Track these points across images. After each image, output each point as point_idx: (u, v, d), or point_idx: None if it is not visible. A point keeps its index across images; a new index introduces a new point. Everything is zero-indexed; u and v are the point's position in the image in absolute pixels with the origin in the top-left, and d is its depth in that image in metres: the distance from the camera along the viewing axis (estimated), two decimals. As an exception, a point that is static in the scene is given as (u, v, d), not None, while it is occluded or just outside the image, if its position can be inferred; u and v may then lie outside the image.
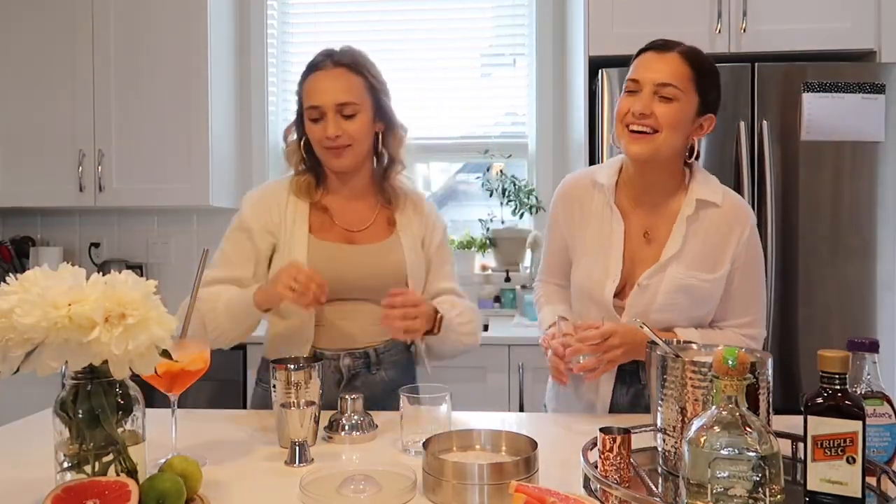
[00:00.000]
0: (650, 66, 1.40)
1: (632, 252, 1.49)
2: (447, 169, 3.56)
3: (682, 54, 1.40)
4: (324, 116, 1.52)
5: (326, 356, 1.53)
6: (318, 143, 1.54)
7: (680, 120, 1.39)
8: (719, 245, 1.45)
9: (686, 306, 1.45)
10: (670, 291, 1.44)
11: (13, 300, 0.89)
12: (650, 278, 1.45)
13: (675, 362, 1.09)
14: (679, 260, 1.45)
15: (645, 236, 1.50)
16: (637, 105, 1.39)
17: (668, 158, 1.44)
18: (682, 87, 1.38)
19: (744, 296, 1.48)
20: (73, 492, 0.90)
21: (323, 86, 1.52)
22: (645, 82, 1.39)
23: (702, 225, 1.46)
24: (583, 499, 0.90)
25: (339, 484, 1.06)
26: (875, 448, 1.06)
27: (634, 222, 1.51)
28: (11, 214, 3.35)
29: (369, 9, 3.36)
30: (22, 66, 3.02)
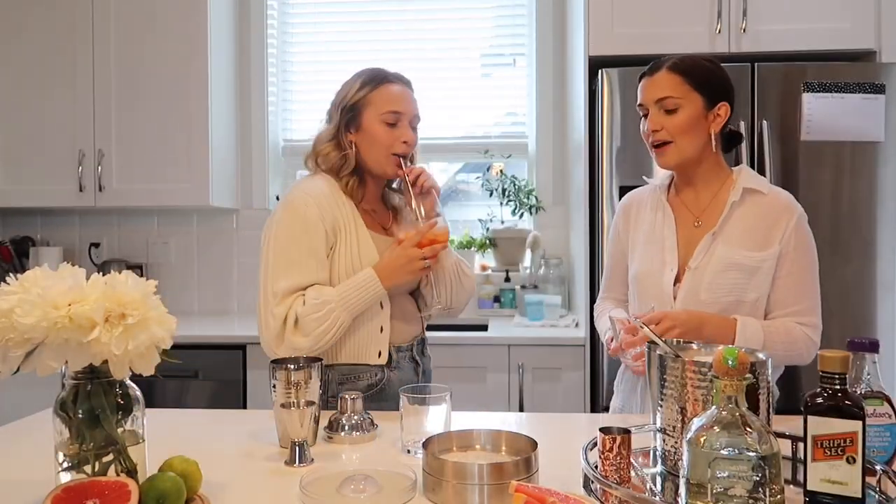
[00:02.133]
0: (647, 88, 1.56)
1: (685, 241, 1.58)
2: (447, 169, 3.55)
3: (669, 68, 1.54)
4: (400, 123, 1.60)
5: (403, 348, 1.64)
6: (388, 148, 1.59)
7: (688, 124, 1.52)
8: (766, 227, 1.53)
9: (734, 286, 1.50)
10: (718, 270, 1.51)
11: (13, 300, 0.89)
12: (698, 259, 1.54)
13: (675, 362, 1.09)
14: (725, 240, 1.53)
15: (696, 225, 1.58)
16: (649, 125, 1.55)
17: (693, 157, 1.56)
18: (679, 94, 1.51)
19: (795, 284, 1.53)
20: (73, 492, 0.90)
21: (406, 97, 1.64)
22: (648, 103, 1.55)
23: (748, 209, 1.55)
24: (583, 499, 0.90)
25: (339, 484, 1.06)
26: (875, 448, 1.06)
27: (685, 213, 1.61)
28: (11, 214, 3.35)
29: (369, 9, 3.36)
30: (22, 66, 3.02)
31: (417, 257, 1.53)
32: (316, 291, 1.51)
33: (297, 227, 1.53)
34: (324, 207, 1.55)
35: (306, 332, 1.49)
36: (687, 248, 1.57)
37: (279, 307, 1.50)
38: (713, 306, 1.49)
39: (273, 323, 1.50)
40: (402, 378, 1.62)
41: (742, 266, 1.50)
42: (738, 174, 1.59)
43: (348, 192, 1.61)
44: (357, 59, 3.32)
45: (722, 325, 1.46)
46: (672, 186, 1.66)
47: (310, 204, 1.55)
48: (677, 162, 1.55)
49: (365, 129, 1.60)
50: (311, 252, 1.53)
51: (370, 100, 1.60)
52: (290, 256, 1.52)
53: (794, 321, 1.52)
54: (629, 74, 2.40)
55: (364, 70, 1.67)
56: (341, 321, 1.51)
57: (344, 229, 1.58)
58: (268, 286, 1.52)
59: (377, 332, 1.59)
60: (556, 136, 3.25)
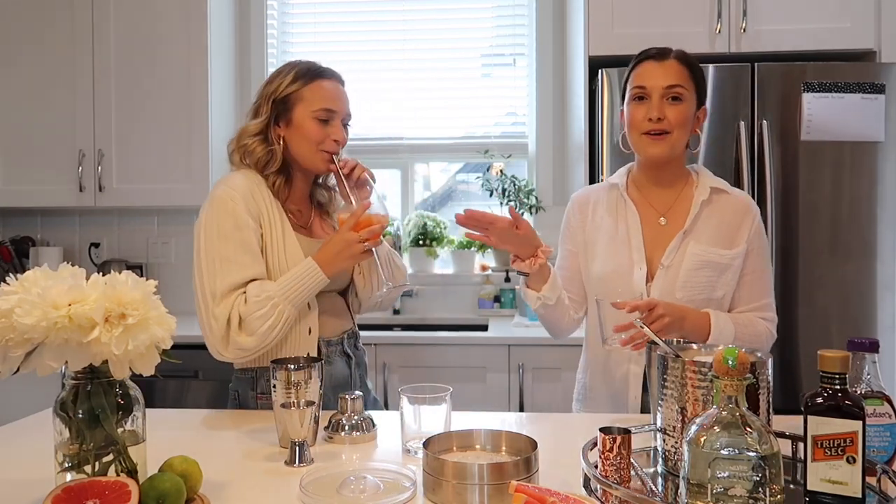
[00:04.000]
0: (654, 73, 1.52)
1: (651, 239, 1.57)
2: (447, 169, 3.56)
3: (678, 59, 1.53)
4: (332, 120, 1.55)
5: (333, 342, 1.60)
6: (318, 145, 1.55)
7: (687, 117, 1.53)
8: (734, 226, 1.56)
9: (707, 284, 1.52)
10: (691, 268, 1.52)
11: (13, 300, 0.89)
12: (671, 258, 1.53)
13: (675, 362, 1.09)
14: (696, 238, 1.54)
15: (662, 223, 1.58)
16: (653, 112, 1.50)
17: (680, 152, 1.57)
18: (686, 85, 1.52)
19: (758, 280, 1.57)
20: (73, 492, 0.90)
21: (339, 94, 1.58)
22: (653, 89, 1.51)
23: (716, 208, 1.56)
24: (583, 499, 0.90)
25: (339, 484, 1.06)
26: (875, 448, 1.06)
27: (649, 211, 1.60)
28: (11, 214, 3.35)
29: (369, 9, 3.36)
30: (22, 66, 3.02)
31: (354, 240, 1.48)
32: (257, 287, 1.46)
33: (227, 223, 1.48)
34: (249, 202, 1.51)
35: (251, 330, 1.44)
36: (653, 245, 1.56)
37: (219, 308, 1.44)
38: (688, 304, 1.50)
39: (216, 325, 1.44)
40: (335, 372, 1.58)
41: (715, 264, 1.52)
42: (698, 173, 1.61)
43: (274, 190, 1.56)
44: (357, 59, 3.33)
45: (699, 318, 1.48)
46: (629, 184, 1.63)
47: (236, 199, 1.49)
48: (669, 154, 1.53)
49: (295, 125, 1.55)
50: (245, 247, 1.48)
51: (302, 95, 1.54)
52: (224, 254, 1.46)
53: (756, 316, 1.55)
54: (629, 74, 2.40)
55: (296, 62, 1.60)
56: (286, 315, 1.46)
57: (269, 228, 1.53)
58: (205, 288, 1.46)
59: (305, 335, 1.55)
60: (556, 136, 3.24)
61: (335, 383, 1.57)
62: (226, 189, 1.51)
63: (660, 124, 1.50)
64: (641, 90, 1.52)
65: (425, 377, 2.50)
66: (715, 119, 2.37)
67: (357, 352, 1.69)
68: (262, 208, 1.53)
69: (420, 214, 3.30)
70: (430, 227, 3.26)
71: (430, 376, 2.54)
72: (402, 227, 3.33)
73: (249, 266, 1.48)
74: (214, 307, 1.45)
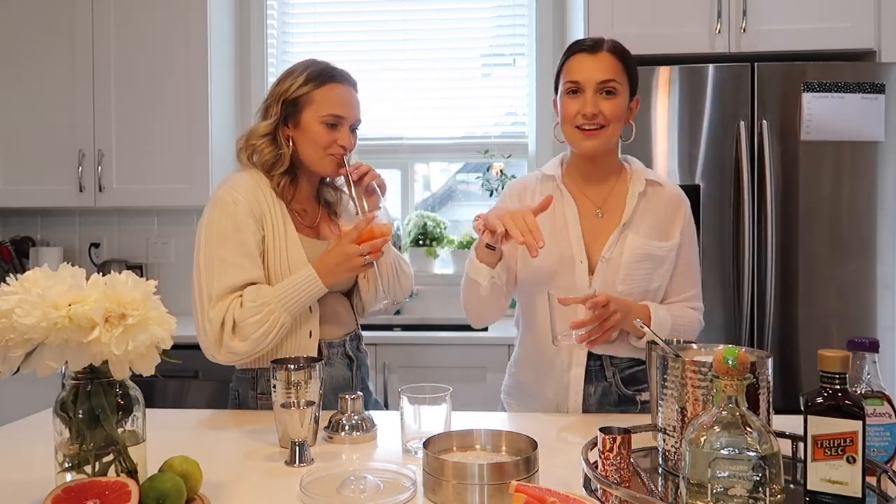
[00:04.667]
0: (587, 67, 1.49)
1: (589, 231, 1.55)
2: (447, 169, 3.55)
3: (610, 51, 1.50)
4: (341, 126, 1.55)
5: (335, 344, 1.59)
6: (326, 149, 1.54)
7: (622, 110, 1.51)
8: (668, 218, 1.57)
9: (645, 276, 1.53)
10: (632, 261, 1.52)
11: (13, 300, 0.89)
12: (611, 251, 1.53)
13: (675, 362, 1.09)
14: (635, 231, 1.54)
15: (598, 216, 1.57)
16: (587, 107, 1.48)
17: (615, 145, 1.57)
18: (619, 79, 1.49)
19: (689, 271, 1.59)
20: (73, 492, 0.90)
21: (349, 100, 1.57)
22: (586, 83, 1.48)
23: (651, 200, 1.57)
24: (583, 499, 0.90)
25: (339, 484, 1.06)
26: (875, 448, 1.06)
27: (586, 203, 1.58)
28: (11, 214, 3.35)
29: (369, 9, 3.36)
30: (22, 66, 3.02)
31: (356, 254, 1.47)
32: (253, 293, 1.44)
33: (228, 225, 1.47)
34: (252, 204, 1.50)
35: (244, 336, 1.43)
36: (592, 238, 1.54)
37: (214, 310, 1.43)
38: (628, 297, 1.50)
39: (210, 328, 1.43)
40: (335, 374, 1.58)
41: (653, 256, 1.53)
42: (631, 166, 1.60)
43: (279, 191, 1.54)
44: (357, 59, 3.33)
45: (640, 311, 1.48)
46: (564, 175, 1.61)
47: (238, 201, 1.48)
48: (605, 148, 1.52)
49: (303, 127, 1.54)
50: (244, 250, 1.47)
51: (312, 98, 1.53)
52: (222, 256, 1.45)
53: (687, 307, 1.57)
54: (629, 74, 2.40)
55: (309, 62, 1.59)
56: (281, 322, 1.45)
57: (272, 229, 1.52)
58: (202, 289, 1.45)
59: (306, 338, 1.54)
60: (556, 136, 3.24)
61: (335, 385, 1.56)
62: (228, 190, 1.51)
63: (594, 119, 1.48)
64: (575, 84, 1.49)
65: (425, 377, 2.49)
66: (715, 119, 2.37)
67: (359, 354, 1.68)
68: (265, 210, 1.52)
69: (420, 214, 3.30)
70: (430, 227, 3.26)
71: (430, 376, 2.54)
72: (403, 227, 3.33)
73: (247, 269, 1.47)
74: (210, 309, 1.44)
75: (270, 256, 1.52)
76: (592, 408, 1.54)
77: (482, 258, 1.46)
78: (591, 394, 1.54)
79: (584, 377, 1.53)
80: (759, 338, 2.35)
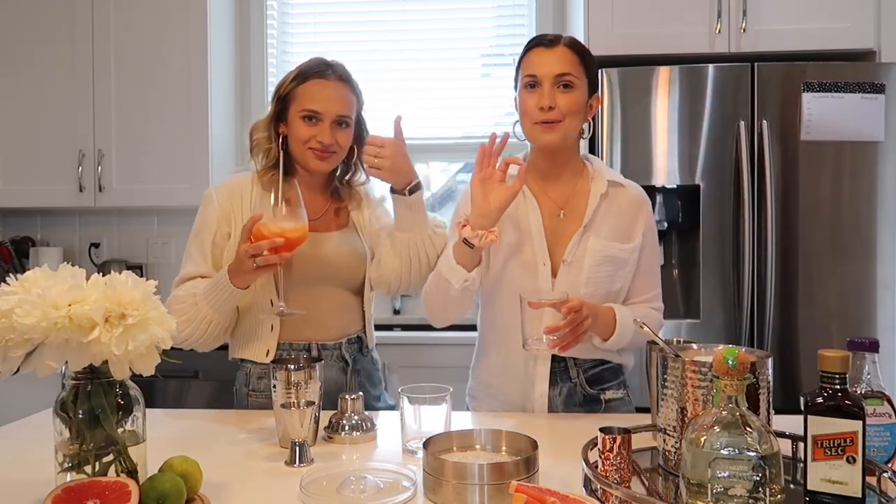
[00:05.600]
0: (544, 61, 1.50)
1: (551, 233, 1.54)
2: (447, 169, 3.55)
3: (568, 46, 1.51)
4: (320, 122, 1.54)
5: (329, 346, 1.59)
6: (305, 144, 1.55)
7: (579, 104, 1.50)
8: (630, 220, 1.56)
9: (607, 278, 1.52)
10: (595, 264, 1.51)
11: (13, 300, 0.89)
12: (573, 253, 1.52)
13: (675, 362, 1.09)
14: (597, 233, 1.52)
15: (560, 217, 1.55)
16: (544, 100, 1.48)
17: (572, 142, 1.56)
18: (577, 73, 1.49)
19: (650, 272, 1.59)
20: (73, 492, 0.90)
21: (326, 94, 1.56)
22: (544, 77, 1.49)
23: (613, 202, 1.55)
24: (583, 499, 0.90)
25: (339, 484, 1.06)
26: (875, 448, 1.06)
27: (548, 204, 1.57)
28: (11, 214, 3.34)
29: (369, 9, 3.36)
30: (22, 66, 3.02)
31: (242, 254, 1.39)
32: (193, 284, 1.52)
33: (200, 221, 1.59)
34: (224, 203, 1.57)
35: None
36: (554, 239, 1.53)
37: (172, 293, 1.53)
38: (591, 299, 1.47)
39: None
40: (326, 376, 1.51)
41: (615, 259, 1.52)
42: (593, 165, 1.59)
43: (263, 186, 1.57)
44: (357, 59, 3.32)
45: (606, 314, 1.47)
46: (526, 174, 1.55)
47: (213, 200, 1.59)
48: (561, 143, 1.51)
49: (289, 123, 1.57)
50: (201, 247, 1.56)
51: (295, 94, 1.56)
52: (189, 248, 1.58)
53: (648, 307, 1.56)
54: (629, 74, 2.40)
55: (308, 60, 1.61)
56: (203, 315, 1.46)
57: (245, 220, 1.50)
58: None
59: (267, 331, 1.54)
60: (556, 136, 3.24)
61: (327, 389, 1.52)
62: (211, 188, 1.63)
63: (551, 113, 1.47)
64: (532, 78, 1.50)
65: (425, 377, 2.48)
66: (715, 119, 2.37)
67: (360, 357, 1.65)
68: (235, 209, 1.57)
69: (420, 214, 3.29)
70: (430, 227, 3.25)
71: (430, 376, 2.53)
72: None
73: (199, 265, 1.55)
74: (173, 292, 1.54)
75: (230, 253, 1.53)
76: (558, 408, 1.53)
77: (460, 259, 1.45)
78: (557, 394, 1.53)
79: (550, 378, 1.53)
80: (759, 338, 2.35)
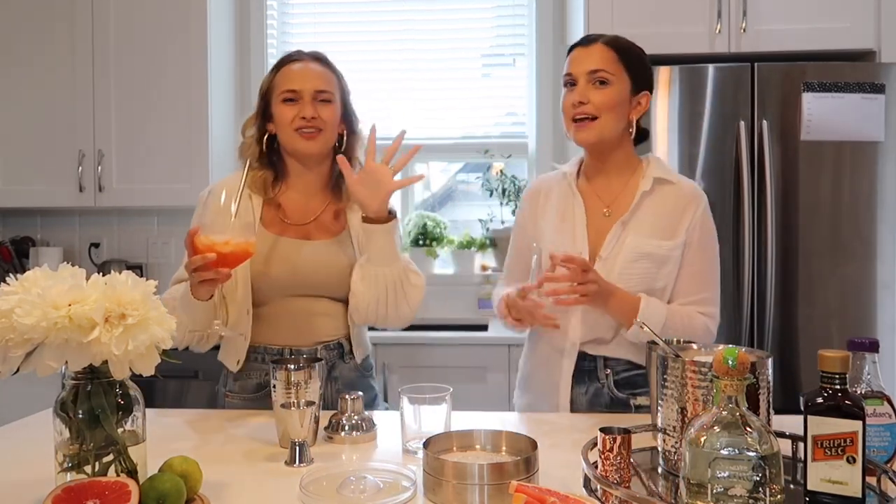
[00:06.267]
0: (579, 60, 1.53)
1: (595, 230, 1.56)
2: (447, 169, 3.56)
3: (605, 43, 1.52)
4: (300, 99, 1.54)
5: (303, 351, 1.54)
6: (290, 125, 1.54)
7: (615, 101, 1.50)
8: (674, 216, 1.53)
9: (645, 275, 1.50)
10: (629, 260, 1.50)
11: (13, 300, 0.89)
12: (609, 249, 1.52)
13: (675, 362, 1.09)
14: (635, 229, 1.52)
15: (606, 214, 1.56)
16: (576, 96, 1.51)
17: (613, 139, 1.54)
18: (612, 69, 1.50)
19: (698, 273, 1.54)
20: (73, 492, 0.90)
21: (302, 74, 1.56)
22: (578, 74, 1.52)
23: (658, 198, 1.54)
24: (583, 499, 0.90)
25: (339, 484, 1.06)
26: (875, 448, 1.06)
27: (595, 202, 1.58)
28: (11, 214, 3.34)
29: (369, 9, 3.36)
30: (22, 66, 3.02)
31: (189, 267, 1.33)
32: (177, 287, 1.50)
33: (194, 222, 1.57)
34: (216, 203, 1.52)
35: None
36: (596, 237, 1.55)
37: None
38: None
39: None
40: None
41: (652, 256, 1.51)
42: (647, 163, 1.59)
43: (254, 186, 1.56)
44: (357, 59, 3.33)
45: (626, 299, 1.46)
46: (581, 174, 1.62)
47: (204, 201, 1.59)
48: (597, 139, 1.52)
49: (274, 115, 1.57)
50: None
51: (274, 84, 1.57)
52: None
53: (695, 310, 1.53)
54: (629, 74, 2.40)
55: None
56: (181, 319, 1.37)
57: None
58: None
59: (240, 340, 1.53)
60: (556, 136, 3.24)
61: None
62: (205, 191, 1.62)
63: (584, 108, 1.49)
64: (569, 77, 1.53)
65: (425, 377, 2.49)
66: (715, 119, 2.38)
67: (343, 364, 1.59)
68: None
69: (420, 214, 3.30)
70: (430, 227, 3.26)
71: (430, 376, 2.53)
72: (403, 227, 3.33)
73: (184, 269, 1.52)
74: None
75: None
76: (583, 408, 1.53)
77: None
78: (583, 393, 1.54)
79: (576, 376, 1.53)
80: (759, 338, 2.35)
